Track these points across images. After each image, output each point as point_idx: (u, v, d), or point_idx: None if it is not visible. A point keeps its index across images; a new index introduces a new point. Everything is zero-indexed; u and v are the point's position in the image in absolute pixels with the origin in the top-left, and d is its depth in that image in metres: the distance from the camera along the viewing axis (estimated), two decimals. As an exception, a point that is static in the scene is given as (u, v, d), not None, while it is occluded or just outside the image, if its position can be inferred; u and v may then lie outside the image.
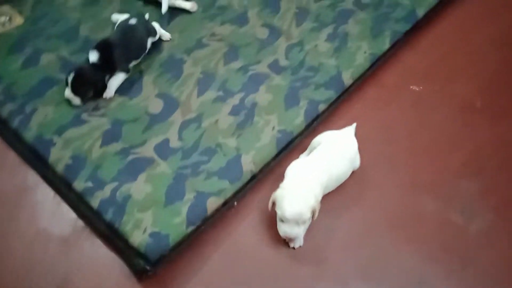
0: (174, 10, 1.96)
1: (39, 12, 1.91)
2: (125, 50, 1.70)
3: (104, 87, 1.66)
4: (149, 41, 1.78)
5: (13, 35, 1.82)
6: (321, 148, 1.51)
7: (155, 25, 1.83)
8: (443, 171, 1.66)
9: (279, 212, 1.35)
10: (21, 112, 1.60)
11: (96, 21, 1.90)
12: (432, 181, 1.63)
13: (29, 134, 1.54)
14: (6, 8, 1.90)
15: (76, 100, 1.62)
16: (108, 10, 1.93)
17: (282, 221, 1.36)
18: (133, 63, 1.74)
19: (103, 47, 1.68)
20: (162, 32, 1.85)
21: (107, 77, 1.67)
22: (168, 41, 1.85)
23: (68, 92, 1.60)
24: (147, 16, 1.86)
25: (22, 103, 1.62)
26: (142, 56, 1.76)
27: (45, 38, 1.82)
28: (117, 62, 1.67)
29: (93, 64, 1.64)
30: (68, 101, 1.63)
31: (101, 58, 1.65)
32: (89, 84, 1.62)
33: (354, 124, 1.60)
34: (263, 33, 1.91)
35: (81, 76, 1.60)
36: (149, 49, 1.79)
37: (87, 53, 1.67)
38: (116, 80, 1.68)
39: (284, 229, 1.36)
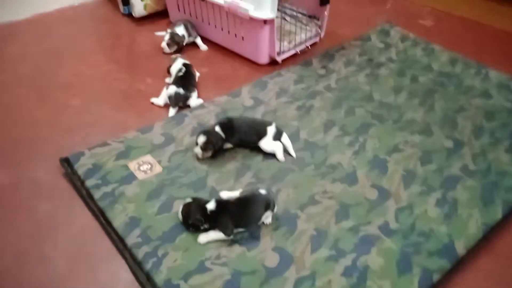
0: (287, 166, 2.18)
1: (173, 163, 2.21)
2: (235, 215, 1.84)
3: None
4: (265, 215, 1.88)
5: (152, 182, 2.11)
6: None
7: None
8: None
9: None
10: (154, 255, 1.79)
11: (221, 174, 2.16)
12: None
13: (160, 277, 1.71)
14: (148, 157, 2.24)
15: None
16: (231, 164, 2.21)
17: None
18: (239, 229, 1.86)
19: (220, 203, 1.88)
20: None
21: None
22: (284, 195, 2.04)
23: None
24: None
25: (155, 247, 1.82)
26: (249, 226, 1.88)
27: (177, 187, 2.09)
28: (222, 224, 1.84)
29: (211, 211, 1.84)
30: (195, 247, 1.81)
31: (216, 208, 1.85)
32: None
33: None
34: (372, 194, 2.03)
35: None
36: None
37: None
38: (214, 235, 1.83)
39: None
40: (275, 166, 2.19)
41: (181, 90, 2.55)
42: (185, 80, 2.61)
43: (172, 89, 2.55)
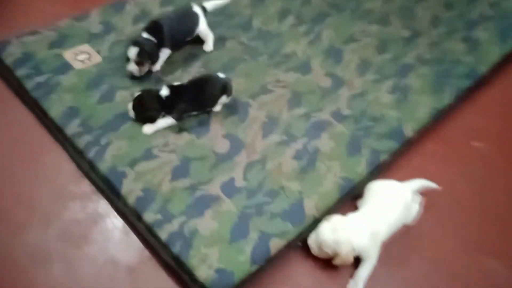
0: (238, 56, 2.06)
1: (115, 53, 2.03)
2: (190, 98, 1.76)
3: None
4: (221, 99, 1.80)
5: (92, 72, 1.94)
6: (368, 200, 1.58)
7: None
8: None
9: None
10: (97, 144, 1.68)
11: (167, 64, 2.01)
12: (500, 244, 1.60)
13: (104, 165, 1.62)
14: (85, 47, 2.05)
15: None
16: (177, 53, 2.06)
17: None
18: (193, 113, 1.79)
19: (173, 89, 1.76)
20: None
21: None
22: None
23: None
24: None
25: (97, 135, 1.71)
26: (205, 109, 1.81)
27: (120, 77, 1.93)
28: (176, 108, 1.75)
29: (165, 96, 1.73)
30: (140, 136, 1.72)
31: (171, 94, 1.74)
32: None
33: (417, 181, 1.63)
34: (326, 82, 1.98)
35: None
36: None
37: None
38: (160, 124, 1.74)
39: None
40: (225, 56, 2.07)
41: None
42: None
43: None
